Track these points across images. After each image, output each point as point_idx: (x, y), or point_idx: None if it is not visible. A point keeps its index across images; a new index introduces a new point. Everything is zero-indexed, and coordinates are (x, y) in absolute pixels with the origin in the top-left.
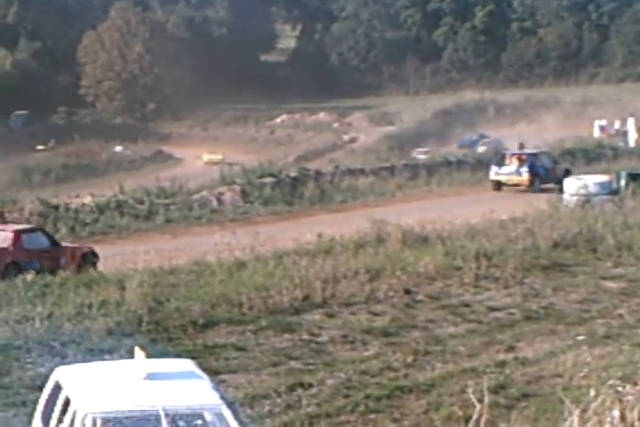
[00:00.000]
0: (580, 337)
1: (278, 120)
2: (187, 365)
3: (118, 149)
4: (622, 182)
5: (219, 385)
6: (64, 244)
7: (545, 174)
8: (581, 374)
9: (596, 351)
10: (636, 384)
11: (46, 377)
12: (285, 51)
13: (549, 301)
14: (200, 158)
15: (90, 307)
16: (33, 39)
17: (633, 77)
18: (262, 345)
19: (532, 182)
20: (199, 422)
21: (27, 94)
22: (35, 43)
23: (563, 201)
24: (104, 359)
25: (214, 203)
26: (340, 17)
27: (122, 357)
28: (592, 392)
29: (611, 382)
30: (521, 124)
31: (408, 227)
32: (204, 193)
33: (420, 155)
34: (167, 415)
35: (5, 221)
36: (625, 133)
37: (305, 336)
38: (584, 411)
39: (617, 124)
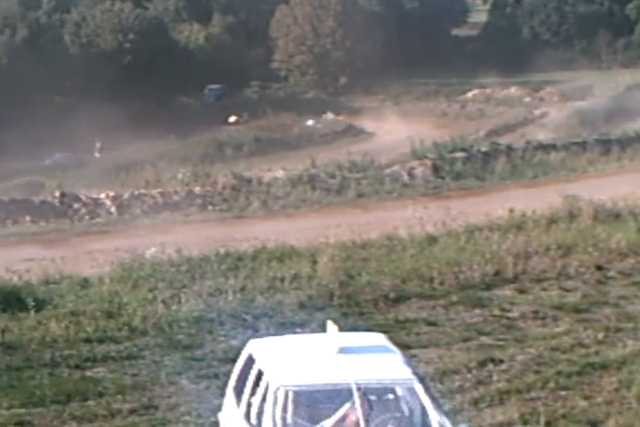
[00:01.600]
0: None
1: (469, 95)
2: (379, 339)
3: (310, 122)
4: None
5: (410, 360)
6: None
7: None
8: None
9: None
10: None
11: (238, 350)
12: (477, 25)
13: None
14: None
15: (282, 280)
16: (226, 13)
17: None
18: (453, 320)
19: None
20: (390, 396)
21: (220, 68)
22: (228, 17)
23: None
24: (296, 333)
25: (405, 177)
26: None
27: (313, 330)
28: None
29: None
30: None
31: (600, 203)
32: (396, 167)
33: None
34: (359, 389)
35: None
36: None
37: (496, 312)
38: None
39: None
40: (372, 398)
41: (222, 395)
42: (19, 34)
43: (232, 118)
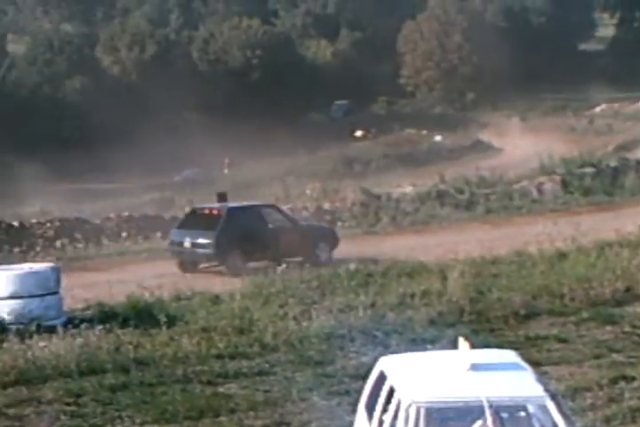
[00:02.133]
0: None
1: (597, 110)
2: (510, 356)
3: (438, 138)
4: None
5: (542, 377)
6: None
7: None
8: None
9: None
10: None
11: (369, 366)
12: (604, 39)
13: None
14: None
15: (412, 296)
16: (353, 29)
17: None
18: (584, 337)
19: None
20: (522, 413)
21: (347, 84)
22: (355, 33)
23: None
24: (426, 349)
25: (534, 193)
26: None
27: (444, 347)
28: None
29: None
30: None
31: None
32: (525, 183)
33: None
34: (490, 407)
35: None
36: None
37: (627, 328)
38: None
39: None
40: (504, 415)
41: (353, 412)
42: (147, 51)
43: (358, 133)
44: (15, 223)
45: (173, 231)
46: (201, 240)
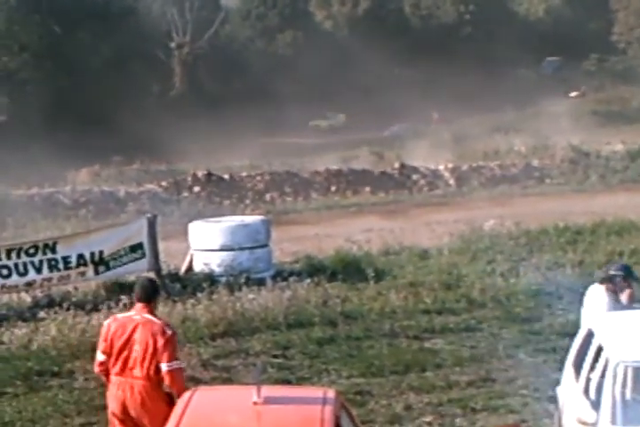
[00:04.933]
0: None
1: None
2: None
3: None
4: None
5: None
6: None
7: None
8: None
9: None
10: None
11: (576, 324)
12: None
13: None
14: None
15: (620, 255)
16: None
17: None
18: None
19: None
20: None
21: (559, 40)
22: None
23: None
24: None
25: None
26: None
27: None
28: None
29: None
30: None
31: None
32: None
33: None
34: None
35: None
36: None
37: None
38: None
39: None
40: None
41: (560, 369)
42: (361, 6)
43: (573, 93)
44: (226, 176)
45: None
46: None
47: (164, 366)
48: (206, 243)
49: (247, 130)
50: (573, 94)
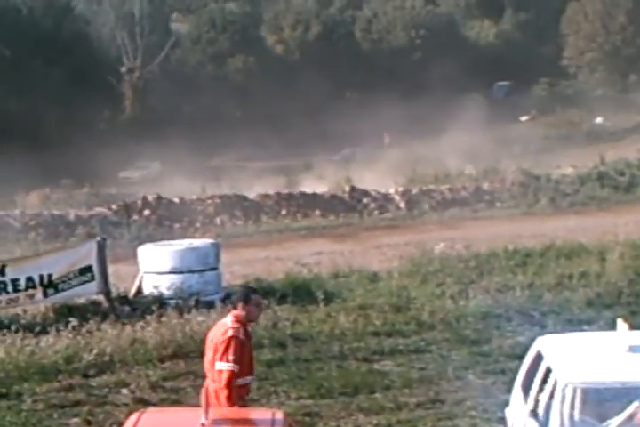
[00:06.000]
0: None
1: None
2: None
3: (599, 120)
4: None
5: None
6: None
7: None
8: None
9: None
10: None
11: (525, 346)
12: None
13: None
14: None
15: (570, 277)
16: (518, 10)
17: None
18: None
19: None
20: None
21: (509, 65)
22: (520, 14)
23: None
24: (583, 330)
25: None
26: None
27: (601, 328)
28: None
29: None
30: None
31: None
32: None
33: None
34: None
35: None
36: None
37: None
38: None
39: None
40: None
41: (509, 391)
42: (312, 30)
43: (524, 118)
44: (176, 199)
45: None
46: None
47: (216, 364)
48: (156, 266)
49: (197, 153)
50: (524, 118)
